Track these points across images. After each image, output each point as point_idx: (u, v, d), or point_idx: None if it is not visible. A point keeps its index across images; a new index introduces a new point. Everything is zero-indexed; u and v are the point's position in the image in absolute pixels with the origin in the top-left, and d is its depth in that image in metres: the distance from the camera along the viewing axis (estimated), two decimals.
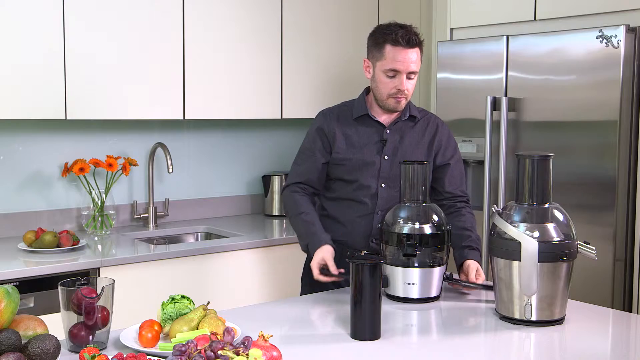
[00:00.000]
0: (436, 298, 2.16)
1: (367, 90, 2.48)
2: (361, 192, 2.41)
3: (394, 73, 2.30)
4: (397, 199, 2.37)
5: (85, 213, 3.28)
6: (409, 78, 2.32)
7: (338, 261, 2.35)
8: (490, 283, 2.22)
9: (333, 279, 2.25)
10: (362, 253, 2.37)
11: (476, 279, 2.24)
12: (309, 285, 2.45)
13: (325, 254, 2.28)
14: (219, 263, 3.08)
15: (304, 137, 2.53)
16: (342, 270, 2.23)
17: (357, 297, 1.81)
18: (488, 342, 1.88)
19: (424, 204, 2.18)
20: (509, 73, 3.18)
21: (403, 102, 2.36)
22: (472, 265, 2.28)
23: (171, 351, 1.46)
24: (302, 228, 2.39)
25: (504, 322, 1.96)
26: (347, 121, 2.45)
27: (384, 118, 2.43)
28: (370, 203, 2.40)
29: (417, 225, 2.16)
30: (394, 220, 2.16)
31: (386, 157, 2.39)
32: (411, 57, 2.29)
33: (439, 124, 2.49)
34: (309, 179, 2.47)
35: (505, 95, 3.19)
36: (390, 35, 2.30)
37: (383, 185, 2.40)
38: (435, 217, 2.17)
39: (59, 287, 1.69)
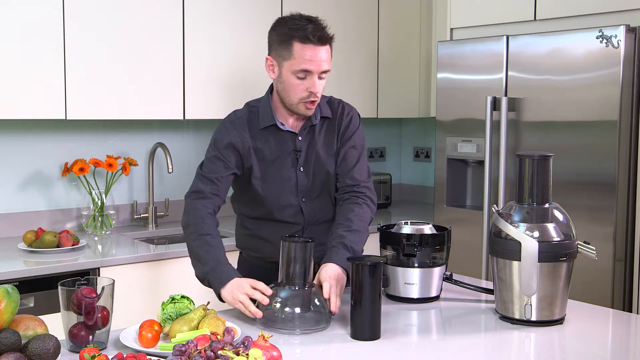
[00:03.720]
0: (436, 298, 2.16)
1: (272, 88, 2.21)
2: (283, 212, 2.21)
3: (305, 74, 2.05)
4: (322, 209, 2.24)
5: (85, 213, 3.29)
6: (320, 78, 2.08)
7: (268, 276, 2.08)
8: (490, 286, 2.22)
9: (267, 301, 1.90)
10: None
11: (330, 299, 1.90)
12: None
13: (245, 283, 1.93)
14: None
15: (213, 142, 2.20)
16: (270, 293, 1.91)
17: (357, 297, 1.81)
18: (488, 342, 1.88)
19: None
20: (509, 73, 3.18)
21: (314, 107, 2.12)
22: (330, 271, 1.96)
23: (171, 351, 1.46)
24: (206, 253, 2.03)
25: (504, 322, 1.96)
26: (256, 132, 2.17)
27: (292, 122, 2.18)
28: (297, 221, 2.22)
29: (417, 225, 2.16)
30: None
31: (301, 169, 2.19)
32: (323, 55, 2.06)
33: (344, 114, 2.23)
34: (217, 188, 2.14)
35: (505, 95, 3.19)
36: (299, 31, 2.05)
37: (304, 200, 2.21)
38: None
39: (59, 287, 1.69)
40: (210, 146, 2.22)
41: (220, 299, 1.99)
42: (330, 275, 1.96)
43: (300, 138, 2.19)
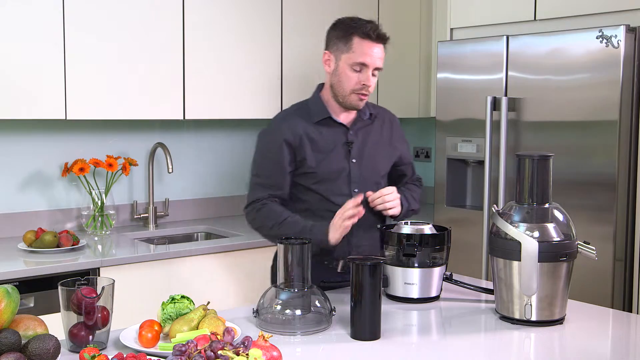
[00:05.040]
0: (436, 298, 2.16)
1: (320, 88, 2.38)
2: (335, 200, 2.28)
3: (361, 67, 2.23)
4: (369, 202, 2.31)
5: (85, 213, 3.29)
6: (372, 75, 2.26)
7: (314, 272, 2.17)
8: (490, 286, 2.22)
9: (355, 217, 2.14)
10: (340, 262, 2.19)
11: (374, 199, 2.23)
12: None
13: (336, 220, 2.16)
14: (219, 263, 3.08)
15: (261, 146, 2.36)
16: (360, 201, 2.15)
17: (357, 297, 1.81)
18: (488, 342, 1.88)
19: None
20: (509, 73, 3.18)
21: (364, 100, 2.30)
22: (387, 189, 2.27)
23: (171, 351, 1.46)
24: (295, 230, 2.21)
25: (504, 322, 1.96)
26: (309, 124, 2.31)
27: (344, 118, 2.34)
28: None
29: (417, 225, 2.17)
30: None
31: (354, 161, 2.32)
32: (379, 53, 2.25)
33: (392, 121, 2.47)
34: (280, 192, 2.31)
35: (505, 95, 3.19)
36: (359, 27, 2.24)
37: (356, 190, 2.31)
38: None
39: (59, 287, 1.69)
40: (259, 150, 2.36)
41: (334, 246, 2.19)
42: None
43: (351, 132, 2.34)
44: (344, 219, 2.14)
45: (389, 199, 2.25)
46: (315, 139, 2.30)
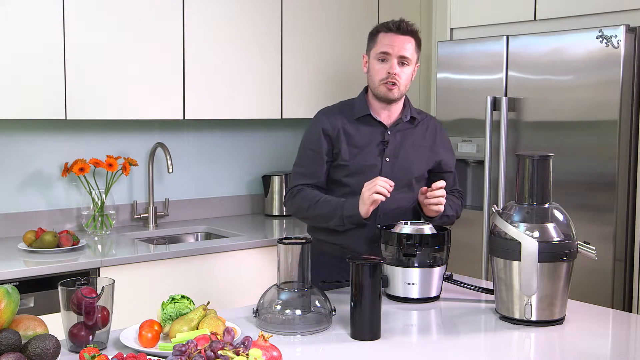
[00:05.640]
0: (436, 298, 2.16)
1: (367, 90, 2.47)
2: None
3: (385, 56, 2.33)
4: (399, 202, 2.37)
5: (85, 213, 3.29)
6: (401, 64, 2.33)
7: (338, 264, 2.34)
8: (490, 286, 2.22)
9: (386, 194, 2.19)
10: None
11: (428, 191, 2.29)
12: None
13: (365, 193, 2.21)
14: (219, 263, 3.07)
15: (304, 138, 2.49)
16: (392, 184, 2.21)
17: (357, 297, 1.81)
18: (488, 342, 1.88)
19: None
20: (509, 73, 3.18)
21: (395, 91, 2.35)
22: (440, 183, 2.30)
23: (171, 351, 1.46)
24: (329, 207, 2.31)
25: (504, 322, 1.96)
26: (349, 120, 2.42)
27: (385, 117, 2.42)
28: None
29: (417, 225, 2.16)
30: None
31: (387, 159, 2.38)
32: (402, 43, 2.33)
33: (437, 128, 2.52)
34: (318, 181, 2.41)
35: (505, 95, 3.19)
36: (383, 25, 2.38)
37: None
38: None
39: (59, 287, 1.69)
40: (302, 142, 2.47)
41: (366, 219, 2.26)
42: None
43: (389, 132, 2.40)
44: (372, 192, 2.19)
45: (444, 194, 2.30)
46: (351, 134, 2.40)
